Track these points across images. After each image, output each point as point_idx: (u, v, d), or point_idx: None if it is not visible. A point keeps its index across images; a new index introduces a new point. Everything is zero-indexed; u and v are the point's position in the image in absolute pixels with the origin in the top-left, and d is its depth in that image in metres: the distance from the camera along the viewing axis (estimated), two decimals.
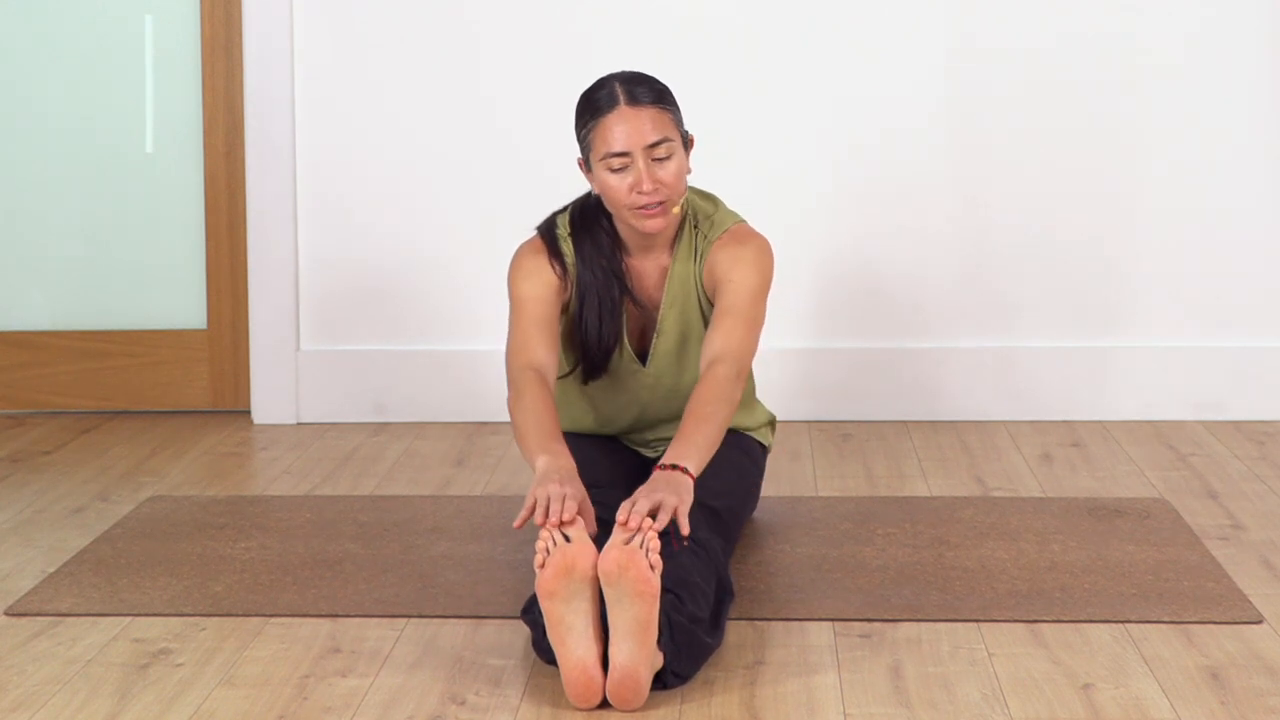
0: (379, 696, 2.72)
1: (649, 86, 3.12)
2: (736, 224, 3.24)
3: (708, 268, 3.21)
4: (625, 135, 3.06)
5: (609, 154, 3.07)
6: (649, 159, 3.07)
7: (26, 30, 4.55)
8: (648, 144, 3.06)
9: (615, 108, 3.08)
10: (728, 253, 3.19)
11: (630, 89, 3.10)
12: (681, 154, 3.11)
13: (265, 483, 4.00)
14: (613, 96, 3.09)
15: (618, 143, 3.06)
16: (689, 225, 3.23)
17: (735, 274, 3.17)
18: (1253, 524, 3.58)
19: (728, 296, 3.15)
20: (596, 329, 3.22)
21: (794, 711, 2.65)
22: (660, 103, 3.10)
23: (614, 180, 3.09)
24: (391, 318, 4.55)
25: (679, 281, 3.23)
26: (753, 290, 3.17)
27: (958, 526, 3.54)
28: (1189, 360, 4.46)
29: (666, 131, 3.08)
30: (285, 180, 4.49)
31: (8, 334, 4.63)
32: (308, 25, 4.47)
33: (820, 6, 4.41)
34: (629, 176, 3.08)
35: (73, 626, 3.03)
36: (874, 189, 4.45)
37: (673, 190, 3.09)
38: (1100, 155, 4.43)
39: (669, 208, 3.10)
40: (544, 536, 2.69)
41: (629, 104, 3.08)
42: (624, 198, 3.09)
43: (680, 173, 3.10)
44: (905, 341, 4.50)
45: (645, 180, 3.06)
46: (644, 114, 3.07)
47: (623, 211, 3.12)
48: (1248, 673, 2.78)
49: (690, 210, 3.25)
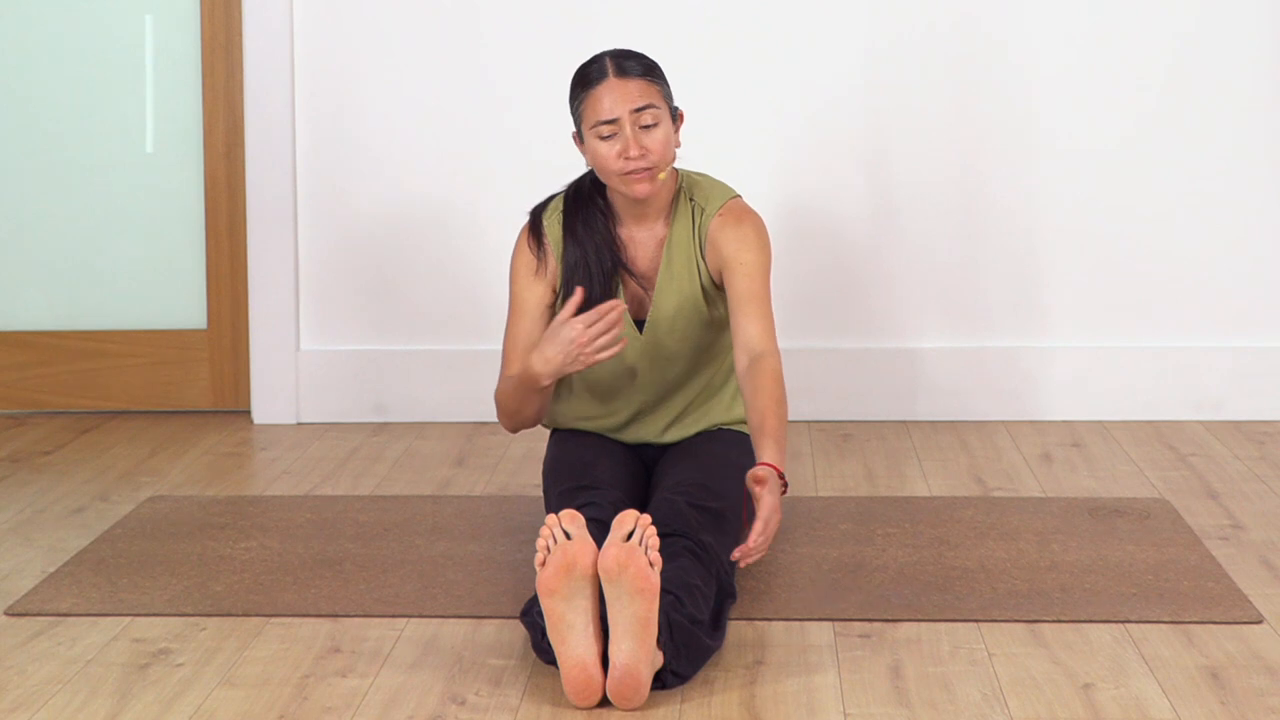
0: (379, 696, 2.72)
1: (638, 60, 3.24)
2: (732, 198, 3.31)
3: (710, 243, 3.28)
4: (613, 103, 3.18)
5: (598, 121, 3.18)
6: (636, 125, 3.18)
7: (27, 30, 4.55)
8: (634, 108, 3.17)
9: (604, 79, 3.20)
10: (731, 233, 3.26)
11: (620, 62, 3.22)
12: (669, 124, 3.22)
13: (265, 483, 4.00)
14: (603, 69, 3.22)
15: (605, 110, 3.18)
16: (684, 195, 3.31)
17: (744, 256, 3.25)
18: (1253, 524, 3.58)
19: (742, 280, 3.23)
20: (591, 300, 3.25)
21: (794, 711, 2.65)
22: (648, 75, 3.22)
23: (603, 148, 3.19)
24: (391, 318, 4.55)
25: (675, 249, 3.29)
26: (764, 271, 3.26)
27: (958, 526, 3.54)
28: (1189, 360, 4.46)
29: (653, 100, 3.19)
30: (285, 180, 4.49)
31: (8, 334, 4.63)
32: (308, 25, 4.47)
33: (821, 6, 4.41)
34: (617, 144, 3.18)
35: (73, 626, 3.03)
36: (875, 189, 4.45)
37: (659, 157, 3.19)
38: (1099, 155, 4.43)
39: (655, 174, 3.19)
40: (544, 534, 2.69)
41: (618, 75, 3.20)
42: (613, 164, 3.19)
43: (667, 141, 3.20)
44: (905, 341, 4.50)
45: (632, 145, 3.16)
46: (632, 84, 3.19)
47: (612, 179, 3.21)
48: (1248, 673, 2.78)
49: (684, 181, 3.33)
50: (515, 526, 3.56)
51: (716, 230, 3.27)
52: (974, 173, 4.45)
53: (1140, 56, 4.41)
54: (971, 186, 4.45)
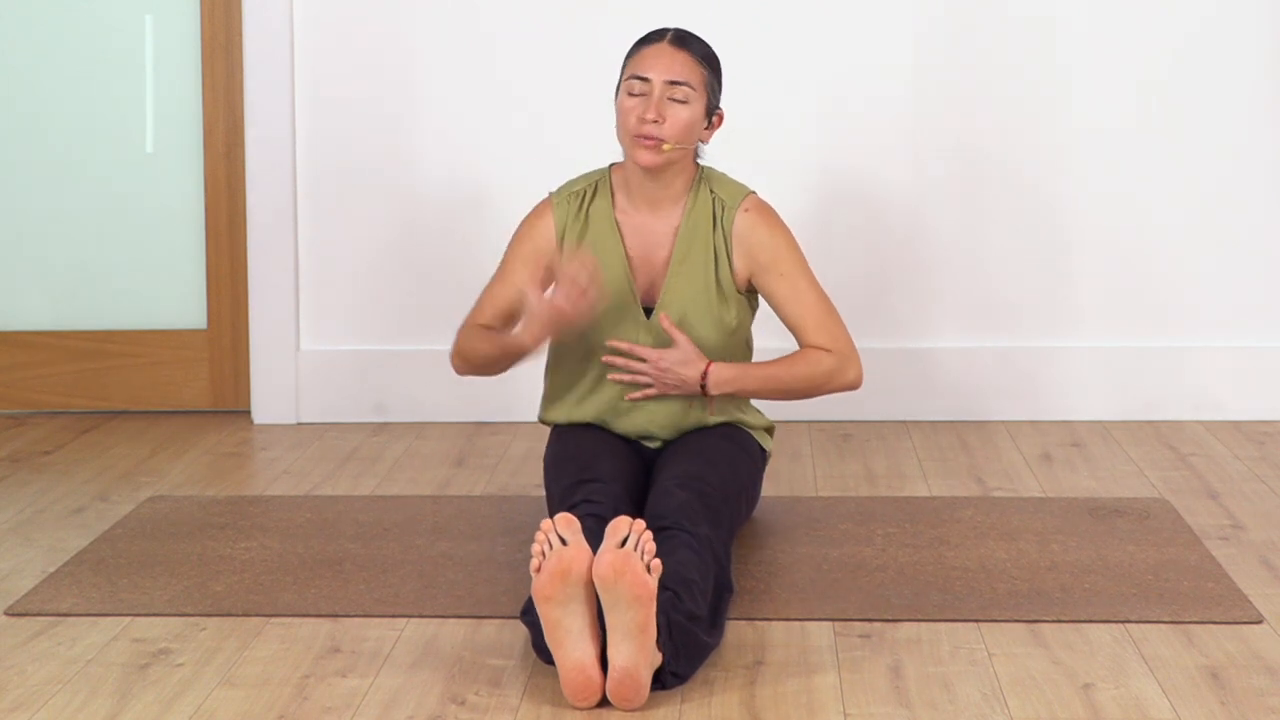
0: (379, 696, 2.72)
1: (699, 42, 3.28)
2: (749, 193, 3.35)
3: (739, 242, 3.30)
4: (654, 64, 3.22)
5: (632, 75, 3.23)
6: (666, 95, 3.20)
7: (27, 30, 4.55)
8: (669, 79, 3.20)
9: (659, 42, 3.25)
10: (762, 235, 3.30)
11: (681, 34, 3.27)
12: (700, 111, 3.24)
13: (265, 483, 4.00)
14: (662, 33, 3.28)
15: (644, 68, 3.22)
16: (704, 185, 3.32)
17: (784, 262, 3.30)
18: (1253, 524, 3.58)
19: (787, 285, 3.30)
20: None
21: (794, 711, 2.65)
22: (702, 59, 3.25)
23: (628, 103, 3.23)
24: (391, 318, 4.55)
25: (691, 238, 3.30)
26: (805, 271, 3.33)
27: (958, 526, 3.54)
28: (1189, 360, 4.46)
29: (691, 78, 3.22)
30: (285, 180, 4.49)
31: (8, 334, 4.63)
32: (308, 25, 4.47)
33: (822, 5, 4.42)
34: (641, 104, 3.21)
35: (73, 626, 3.03)
36: (873, 188, 4.45)
37: (675, 132, 3.20)
38: (1100, 156, 4.43)
39: (662, 146, 3.20)
40: (539, 540, 2.68)
41: (673, 44, 3.24)
42: (629, 121, 3.22)
43: (691, 123, 3.22)
44: (905, 341, 4.50)
45: (652, 109, 3.19)
46: (680, 55, 3.23)
47: (625, 138, 3.24)
48: (1248, 673, 2.78)
49: (704, 172, 3.35)
50: (515, 526, 3.56)
51: (746, 229, 3.30)
52: (973, 174, 4.44)
53: (1140, 56, 4.41)
54: (970, 190, 4.45)
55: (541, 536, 2.68)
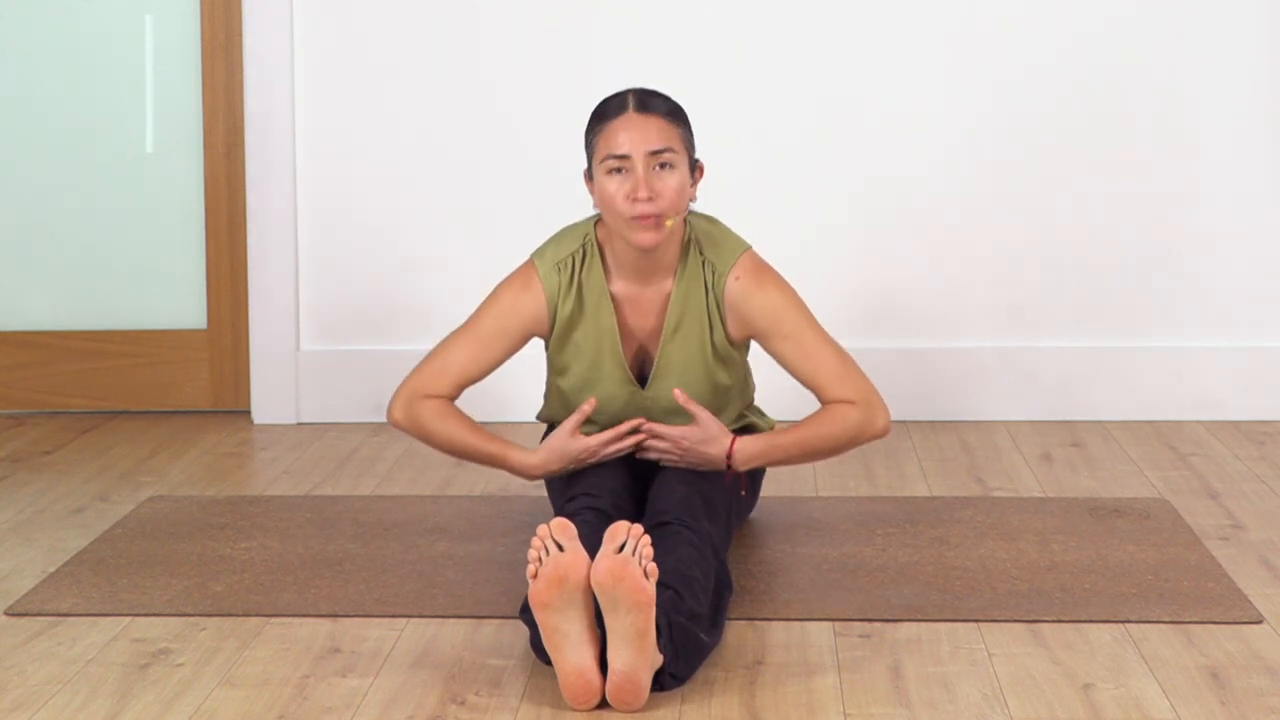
0: (379, 696, 2.72)
1: (663, 99, 3.10)
2: (744, 252, 3.20)
3: (732, 310, 3.18)
4: (629, 138, 3.03)
5: (609, 155, 3.04)
6: (650, 166, 3.03)
7: (26, 30, 4.55)
8: (650, 150, 3.03)
9: (624, 113, 3.06)
10: (756, 303, 3.17)
11: (643, 98, 3.08)
12: (685, 171, 3.08)
13: (265, 483, 4.00)
14: (623, 103, 3.08)
15: (619, 145, 3.04)
16: (693, 250, 3.18)
17: (786, 324, 3.17)
18: (1253, 524, 3.58)
19: (793, 346, 3.18)
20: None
21: (794, 711, 2.65)
22: (671, 116, 3.08)
23: (612, 185, 3.05)
24: (391, 318, 4.55)
25: (684, 309, 3.19)
26: (810, 326, 3.19)
27: (958, 526, 3.54)
28: (1189, 360, 4.46)
29: (671, 142, 3.05)
30: (285, 180, 4.49)
31: (8, 334, 4.63)
32: (308, 25, 4.47)
33: (822, 6, 4.41)
34: (627, 183, 3.04)
35: (73, 626, 3.03)
36: (873, 190, 4.45)
37: (670, 204, 3.04)
38: (1099, 156, 4.43)
39: (663, 221, 3.05)
40: (536, 545, 2.66)
41: (638, 110, 3.06)
42: (620, 205, 3.05)
43: (681, 189, 3.06)
44: (905, 341, 4.50)
45: (642, 187, 3.02)
46: (651, 122, 3.05)
47: (618, 222, 3.07)
48: (1248, 673, 2.78)
49: (692, 234, 3.19)
50: (515, 526, 3.56)
51: (739, 296, 3.16)
52: (971, 174, 4.44)
53: (1145, 61, 4.41)
54: (969, 190, 4.45)
55: (538, 543, 2.66)
